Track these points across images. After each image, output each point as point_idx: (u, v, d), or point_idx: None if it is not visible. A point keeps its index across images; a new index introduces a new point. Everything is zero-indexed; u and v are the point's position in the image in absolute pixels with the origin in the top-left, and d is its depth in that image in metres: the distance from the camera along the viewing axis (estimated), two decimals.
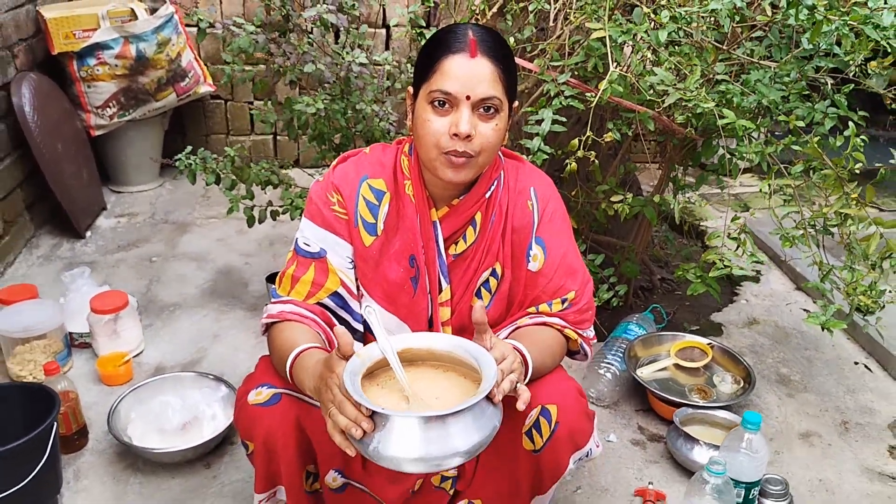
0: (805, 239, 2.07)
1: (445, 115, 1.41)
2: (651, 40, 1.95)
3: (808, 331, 2.73)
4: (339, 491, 1.60)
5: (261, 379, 1.51)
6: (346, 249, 1.56)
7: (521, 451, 1.48)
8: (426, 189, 1.55)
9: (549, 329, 1.55)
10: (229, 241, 3.30)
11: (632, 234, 2.73)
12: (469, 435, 1.19)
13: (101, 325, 2.42)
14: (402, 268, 1.57)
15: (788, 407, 2.35)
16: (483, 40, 1.41)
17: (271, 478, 1.55)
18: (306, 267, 1.55)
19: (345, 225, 1.55)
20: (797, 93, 2.05)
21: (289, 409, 1.47)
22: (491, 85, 1.40)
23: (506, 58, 1.44)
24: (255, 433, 1.47)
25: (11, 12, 3.08)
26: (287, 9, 2.10)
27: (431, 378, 1.35)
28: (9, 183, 3.00)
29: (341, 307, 1.58)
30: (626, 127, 2.18)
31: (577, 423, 1.49)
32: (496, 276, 1.59)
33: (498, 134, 1.44)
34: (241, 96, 3.94)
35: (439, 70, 1.40)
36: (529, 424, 1.45)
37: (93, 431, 2.16)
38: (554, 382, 1.49)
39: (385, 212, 1.56)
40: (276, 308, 1.54)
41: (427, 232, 1.56)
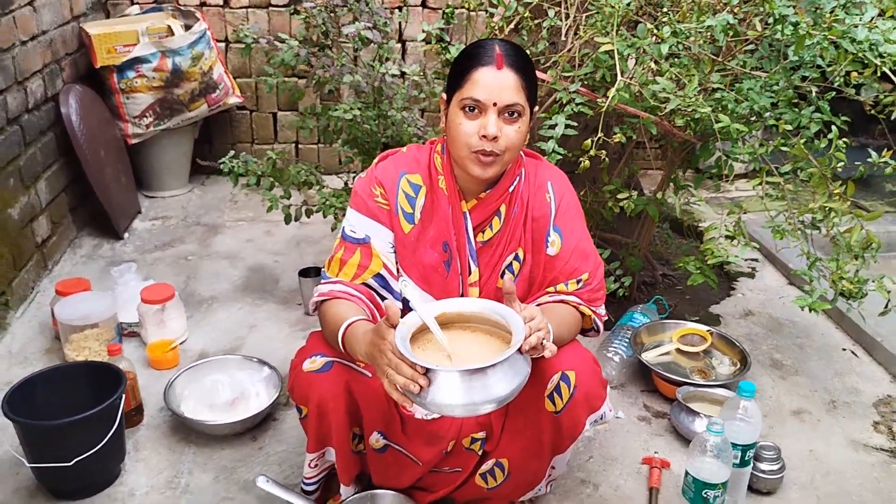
0: (794, 232, 2.29)
1: (475, 118, 1.63)
2: (654, 53, 2.18)
3: (800, 321, 2.95)
4: (381, 451, 1.81)
5: (314, 349, 1.72)
6: (388, 235, 1.77)
7: (544, 413, 1.68)
8: (457, 183, 1.77)
9: (566, 306, 1.77)
10: (258, 242, 3.52)
11: (635, 232, 2.95)
12: (507, 382, 1.41)
13: (151, 314, 2.64)
14: (437, 252, 1.78)
15: (781, 388, 2.56)
16: (508, 54, 1.63)
17: (322, 439, 1.75)
18: (353, 251, 1.76)
19: (387, 214, 1.77)
20: (785, 100, 2.27)
21: (340, 375, 1.68)
22: (515, 93, 1.62)
23: (528, 69, 1.67)
24: (310, 397, 1.68)
25: (59, 29, 3.32)
26: (327, 25, 2.33)
27: (464, 338, 1.55)
28: (56, 187, 3.22)
29: (383, 287, 1.79)
30: (630, 131, 2.41)
31: (593, 388, 1.70)
32: (519, 260, 1.81)
33: (520, 135, 1.67)
34: (265, 107, 4.17)
35: (470, 80, 1.62)
36: (551, 388, 1.66)
37: (147, 410, 2.37)
38: (572, 351, 1.70)
39: (422, 203, 1.78)
40: (326, 287, 1.75)
41: (458, 221, 1.78)
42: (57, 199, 3.23)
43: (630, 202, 2.43)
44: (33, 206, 2.99)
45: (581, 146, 2.25)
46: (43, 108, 3.13)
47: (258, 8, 3.98)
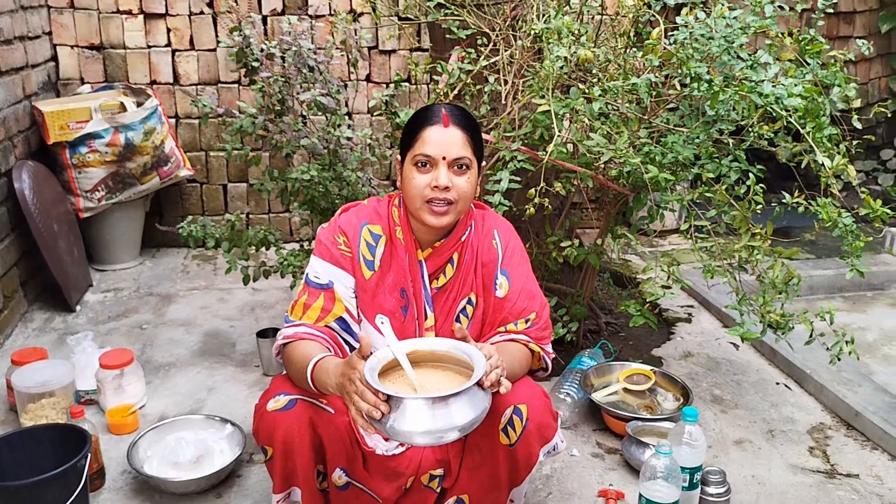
0: (723, 271, 2.49)
1: (427, 172, 1.80)
2: (586, 112, 2.39)
3: (736, 359, 3.13)
4: (343, 489, 1.86)
5: (277, 390, 1.80)
6: (350, 281, 1.89)
7: (499, 447, 1.77)
8: (413, 234, 1.91)
9: (516, 344, 1.89)
10: (213, 309, 3.57)
11: (579, 282, 3.12)
12: (466, 412, 1.52)
13: (109, 380, 2.65)
14: (395, 298, 1.91)
15: (723, 421, 2.71)
16: (453, 114, 1.82)
17: (288, 478, 1.80)
18: (316, 296, 1.87)
19: (349, 261, 1.89)
20: (706, 152, 2.50)
21: (304, 412, 1.75)
22: (462, 147, 1.80)
23: (472, 127, 1.85)
24: (275, 436, 1.74)
25: (12, 107, 3.40)
26: (282, 94, 2.48)
27: (433, 375, 1.67)
28: (8, 260, 3.24)
29: (345, 330, 1.89)
30: (570, 185, 2.60)
31: (545, 420, 1.80)
32: (472, 304, 1.94)
33: (470, 185, 1.83)
34: (216, 179, 4.28)
35: (421, 138, 1.80)
36: (504, 422, 1.75)
37: (108, 473, 2.37)
38: (523, 386, 1.81)
39: (381, 251, 1.91)
40: (290, 330, 1.84)
41: (414, 269, 1.91)
42: (9, 272, 3.24)
43: (572, 250, 2.60)
44: None
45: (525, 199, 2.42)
46: None
47: (207, 84, 4.14)
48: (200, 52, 4.10)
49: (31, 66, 3.65)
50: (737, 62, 2.32)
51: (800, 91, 2.20)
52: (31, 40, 3.67)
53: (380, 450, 1.87)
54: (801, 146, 2.41)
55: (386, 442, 1.86)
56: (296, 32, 2.48)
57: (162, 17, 4.05)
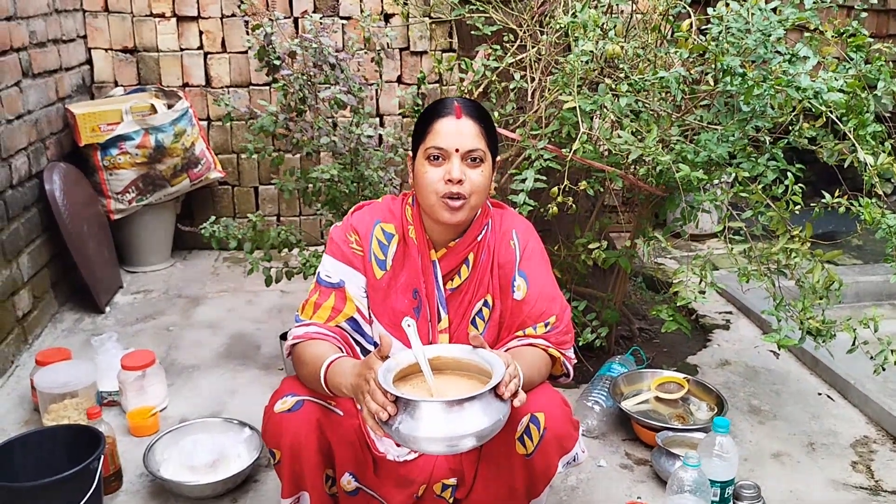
0: (759, 273, 2.36)
1: (440, 165, 1.73)
2: (614, 109, 2.30)
3: (776, 368, 2.99)
4: (353, 494, 1.80)
5: (285, 391, 1.75)
6: (361, 280, 1.84)
7: (515, 457, 1.69)
8: (426, 234, 1.85)
9: (534, 349, 1.80)
10: (240, 311, 3.55)
11: (610, 286, 3.02)
12: (478, 420, 1.44)
13: (131, 381, 2.64)
14: (407, 299, 1.84)
15: (760, 432, 2.58)
16: (465, 105, 1.76)
17: (296, 482, 1.74)
18: (327, 295, 1.82)
19: (360, 259, 1.84)
20: (742, 150, 2.39)
21: (311, 413, 1.69)
22: (475, 139, 1.73)
23: (485, 119, 1.78)
24: (282, 438, 1.69)
25: (44, 109, 3.43)
26: (304, 92, 2.44)
27: (456, 383, 1.60)
28: (39, 261, 3.26)
29: (356, 330, 1.84)
30: (598, 185, 2.51)
31: (564, 429, 1.72)
32: (488, 307, 1.87)
33: (485, 179, 1.75)
34: (247, 181, 4.27)
35: (433, 131, 1.73)
36: (521, 431, 1.67)
37: (126, 476, 2.35)
38: (541, 393, 1.72)
39: (393, 251, 1.85)
40: (301, 330, 1.79)
41: (427, 270, 1.85)
42: (39, 273, 3.27)
43: (600, 252, 2.50)
44: (14, 280, 3.02)
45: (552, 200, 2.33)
46: (27, 185, 3.20)
47: (239, 87, 4.14)
48: (232, 55, 4.10)
49: (64, 69, 3.69)
50: (774, 56, 2.21)
51: (841, 85, 2.08)
52: (65, 43, 3.70)
53: (391, 455, 1.81)
54: (844, 144, 2.29)
55: (397, 447, 1.80)
56: (317, 30, 2.44)
57: (194, 20, 4.06)
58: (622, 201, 3.22)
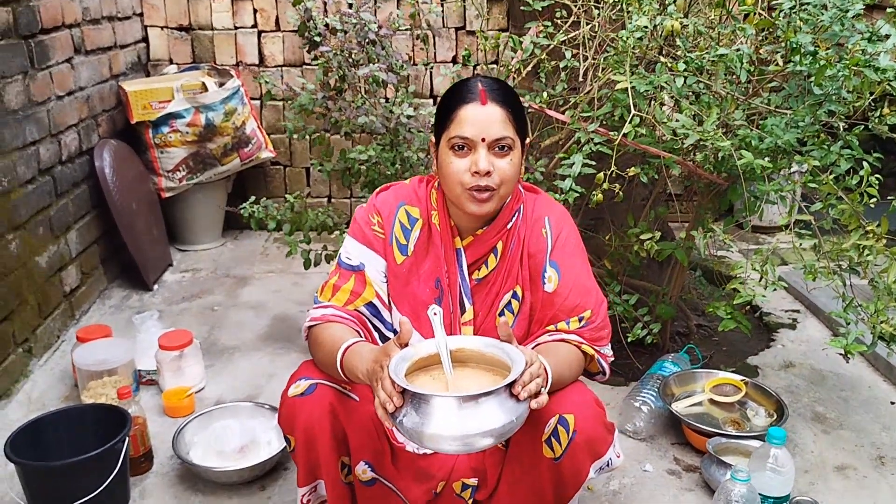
0: (827, 272, 2.17)
1: (465, 156, 1.61)
2: (671, 90, 2.13)
3: (845, 373, 2.78)
4: (369, 484, 1.72)
5: (300, 374, 1.68)
6: (382, 264, 1.75)
7: (542, 460, 1.58)
8: (451, 220, 1.74)
9: (567, 345, 1.68)
10: (286, 292, 3.51)
11: (665, 279, 2.84)
12: (485, 420, 1.33)
13: (168, 361, 2.62)
14: (429, 288, 1.75)
15: (823, 442, 2.39)
16: (491, 89, 1.62)
17: (312, 470, 1.68)
18: (347, 278, 1.74)
19: (381, 243, 1.75)
20: (812, 136, 2.19)
21: (323, 397, 1.62)
22: (502, 126, 1.60)
23: (513, 102, 1.64)
24: (295, 424, 1.62)
25: (98, 86, 3.44)
26: (343, 69, 2.35)
27: (478, 377, 1.49)
28: (87, 238, 3.28)
29: (375, 316, 1.76)
30: (653, 172, 2.34)
31: (596, 432, 1.59)
32: (517, 299, 1.75)
33: (514, 168, 1.63)
34: (299, 162, 4.23)
35: (456, 119, 1.61)
36: (548, 433, 1.56)
37: (157, 457, 2.32)
38: (571, 393, 1.60)
39: (416, 236, 1.75)
40: (318, 312, 1.72)
41: (451, 258, 1.74)
42: (88, 249, 3.28)
43: (653, 243, 2.34)
44: (62, 256, 3.04)
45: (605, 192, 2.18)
46: (77, 161, 3.21)
47: (293, 66, 4.08)
48: (285, 34, 4.04)
49: (119, 47, 3.69)
50: (852, 34, 2.00)
51: None
52: (120, 21, 3.71)
53: (410, 446, 1.73)
54: None
55: None
56: (358, 5, 2.33)
57: None
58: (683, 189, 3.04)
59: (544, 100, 2.39)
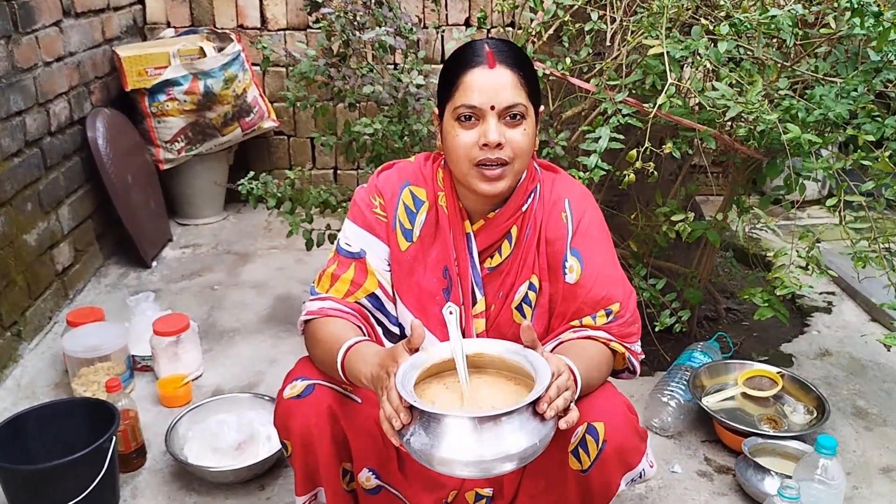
0: (879, 258, 1.97)
1: (473, 127, 1.44)
2: (710, 55, 1.92)
3: (886, 363, 2.59)
4: (373, 493, 1.58)
5: (296, 374, 1.54)
6: (384, 251, 1.59)
7: (569, 472, 1.43)
8: (460, 202, 1.57)
9: (594, 343, 1.51)
10: (289, 270, 3.34)
11: (694, 261, 2.65)
12: (501, 444, 1.16)
13: (163, 347, 2.46)
14: (436, 278, 1.59)
15: (867, 441, 2.21)
16: (500, 50, 1.44)
17: (311, 476, 1.55)
18: (347, 266, 1.58)
19: (384, 227, 1.59)
20: (865, 108, 1.97)
21: (322, 399, 1.48)
22: (513, 92, 1.42)
23: (525, 64, 1.46)
24: (291, 428, 1.49)
25: (89, 51, 3.24)
26: (347, 34, 2.14)
27: (498, 387, 1.33)
28: (81, 213, 3.11)
29: (377, 308, 1.60)
30: (686, 146, 2.14)
31: (627, 442, 1.43)
32: (534, 290, 1.58)
33: (528, 138, 1.46)
34: (303, 132, 4.03)
35: (461, 86, 1.43)
36: (575, 443, 1.40)
37: (151, 451, 2.18)
38: (601, 398, 1.44)
39: (422, 220, 1.59)
40: (315, 305, 1.57)
41: (460, 244, 1.58)
42: (82, 225, 3.12)
43: (686, 225, 2.14)
44: (53, 233, 2.88)
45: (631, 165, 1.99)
46: (68, 132, 3.03)
47: (296, 30, 3.86)
48: None
49: (112, 9, 3.48)
50: None
51: None
52: None
53: None
54: None
55: None
56: None
57: None
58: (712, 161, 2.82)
59: (567, 66, 2.17)
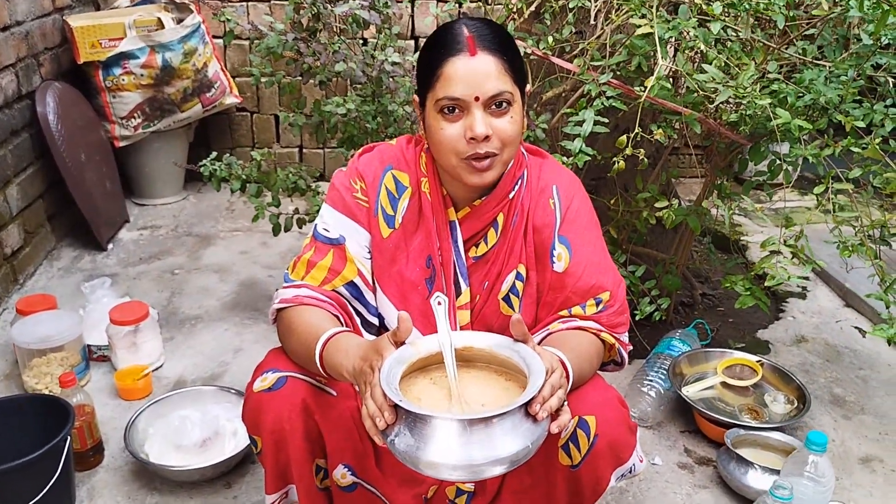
0: (865, 248, 1.93)
1: (457, 119, 1.36)
2: (700, 36, 1.85)
3: (861, 349, 2.58)
4: (349, 490, 1.50)
5: (267, 366, 1.45)
6: (365, 238, 1.51)
7: (558, 467, 1.36)
8: (443, 188, 1.50)
9: (585, 334, 1.45)
10: (253, 254, 3.22)
11: (672, 247, 2.60)
12: (493, 448, 1.10)
13: (121, 336, 2.34)
14: (419, 267, 1.51)
15: (845, 430, 2.19)
16: (481, 35, 1.35)
17: (282, 474, 1.46)
18: (324, 253, 1.49)
19: (365, 213, 1.50)
20: (854, 93, 1.92)
21: (295, 392, 1.40)
22: (498, 80, 1.34)
23: (508, 46, 1.38)
24: (262, 423, 1.40)
25: (38, 21, 3.04)
26: (317, 6, 2.02)
27: (487, 383, 1.26)
28: (30, 193, 2.94)
29: (356, 297, 1.52)
30: (670, 130, 2.07)
31: (619, 436, 1.38)
32: (521, 279, 1.51)
33: (515, 126, 1.38)
34: (267, 108, 3.88)
35: (442, 76, 1.35)
36: (566, 437, 1.34)
37: (109, 448, 2.06)
38: (592, 391, 1.39)
39: (405, 206, 1.51)
40: (289, 293, 1.47)
41: (443, 233, 1.50)
42: (32, 206, 2.95)
43: (669, 213, 2.08)
44: (1, 214, 2.71)
45: (612, 146, 1.92)
46: (16, 107, 2.85)
47: (259, 1, 3.70)
48: None
49: None
50: None
51: None
52: None
53: None
54: None
55: None
56: None
57: None
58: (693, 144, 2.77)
59: (549, 45, 2.08)
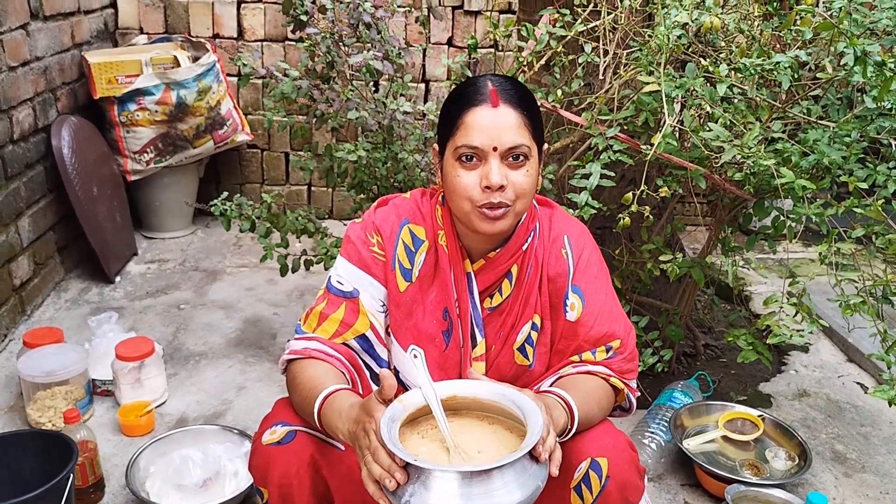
0: (867, 307, 1.95)
1: (474, 168, 1.39)
2: (706, 95, 1.89)
3: (863, 405, 2.58)
4: None
5: (276, 418, 1.45)
6: (380, 292, 1.52)
7: None
8: (459, 241, 1.53)
9: (594, 378, 1.48)
10: (259, 291, 3.24)
11: (676, 297, 2.61)
12: (511, 493, 1.11)
13: (125, 372, 2.35)
14: (436, 319, 1.52)
15: (846, 488, 2.19)
16: (504, 89, 1.40)
17: None
18: (337, 305, 1.50)
19: (382, 267, 1.52)
20: (857, 154, 1.96)
21: (304, 448, 1.40)
22: (517, 133, 1.38)
23: (529, 103, 1.43)
24: (269, 476, 1.40)
25: (57, 56, 3.11)
26: (332, 55, 2.06)
27: (476, 430, 1.28)
28: (42, 224, 2.97)
29: (366, 351, 1.53)
30: (676, 184, 2.10)
31: (630, 479, 1.39)
32: (536, 329, 1.54)
33: (530, 179, 1.42)
34: (277, 146, 3.93)
35: (463, 125, 1.39)
36: (578, 479, 1.36)
37: (109, 485, 2.07)
38: (604, 434, 1.41)
39: (422, 260, 1.53)
40: (300, 344, 1.49)
41: (461, 284, 1.53)
42: (43, 237, 2.98)
43: (674, 266, 2.10)
44: (12, 246, 2.74)
45: (618, 199, 1.95)
46: (32, 140, 2.90)
47: (274, 41, 3.77)
48: (268, 5, 3.72)
49: (83, 12, 3.36)
50: None
51: None
52: None
53: None
54: None
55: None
56: None
57: None
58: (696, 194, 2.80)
59: (558, 98, 2.13)
